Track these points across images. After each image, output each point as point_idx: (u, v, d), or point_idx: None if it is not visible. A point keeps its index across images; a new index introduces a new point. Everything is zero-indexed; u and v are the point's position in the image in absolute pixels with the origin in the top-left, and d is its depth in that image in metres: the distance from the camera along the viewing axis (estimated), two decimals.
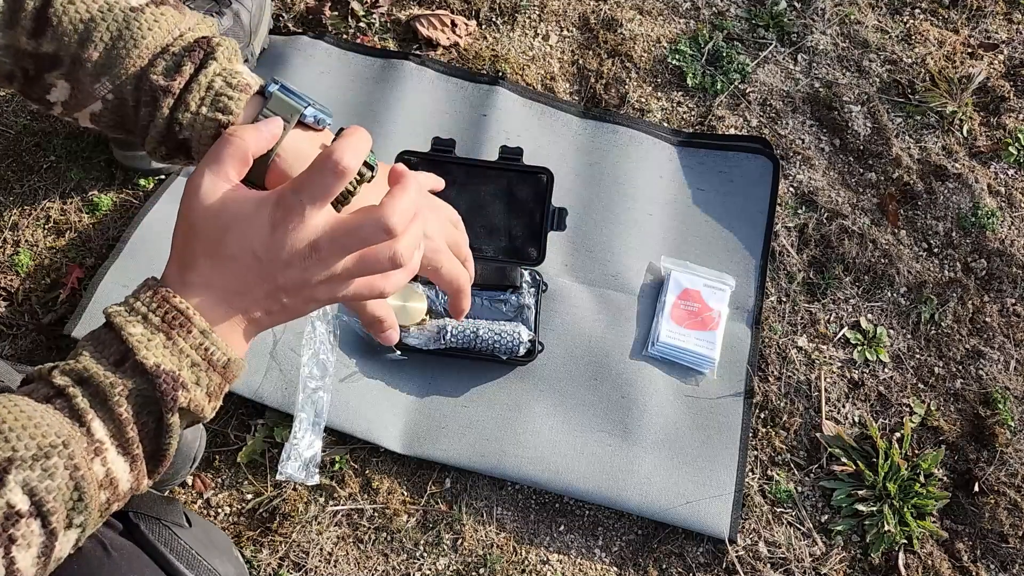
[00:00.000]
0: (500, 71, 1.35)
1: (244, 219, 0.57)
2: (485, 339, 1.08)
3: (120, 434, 0.55)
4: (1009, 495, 1.10)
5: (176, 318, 0.56)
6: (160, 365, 0.55)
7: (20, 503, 0.51)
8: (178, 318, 0.56)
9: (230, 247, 0.57)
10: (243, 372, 0.59)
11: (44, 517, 0.52)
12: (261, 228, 0.57)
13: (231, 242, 0.57)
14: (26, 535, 0.51)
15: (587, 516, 1.07)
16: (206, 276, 0.58)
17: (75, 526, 0.54)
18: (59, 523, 0.52)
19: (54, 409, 0.54)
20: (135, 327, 0.56)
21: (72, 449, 0.53)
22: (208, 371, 0.57)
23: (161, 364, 0.55)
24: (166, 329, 0.56)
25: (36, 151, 1.23)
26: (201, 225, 0.58)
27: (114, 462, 0.55)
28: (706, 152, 1.30)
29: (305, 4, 1.40)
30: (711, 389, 1.13)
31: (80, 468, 0.53)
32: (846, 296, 1.22)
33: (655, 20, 1.45)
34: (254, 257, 0.57)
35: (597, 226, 1.22)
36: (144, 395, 0.55)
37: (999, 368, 1.19)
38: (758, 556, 1.05)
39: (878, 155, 1.33)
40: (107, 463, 0.55)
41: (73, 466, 0.53)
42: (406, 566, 1.02)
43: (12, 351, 1.09)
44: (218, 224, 0.58)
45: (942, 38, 1.46)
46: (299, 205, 0.55)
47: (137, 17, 0.65)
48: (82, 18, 0.65)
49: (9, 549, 0.50)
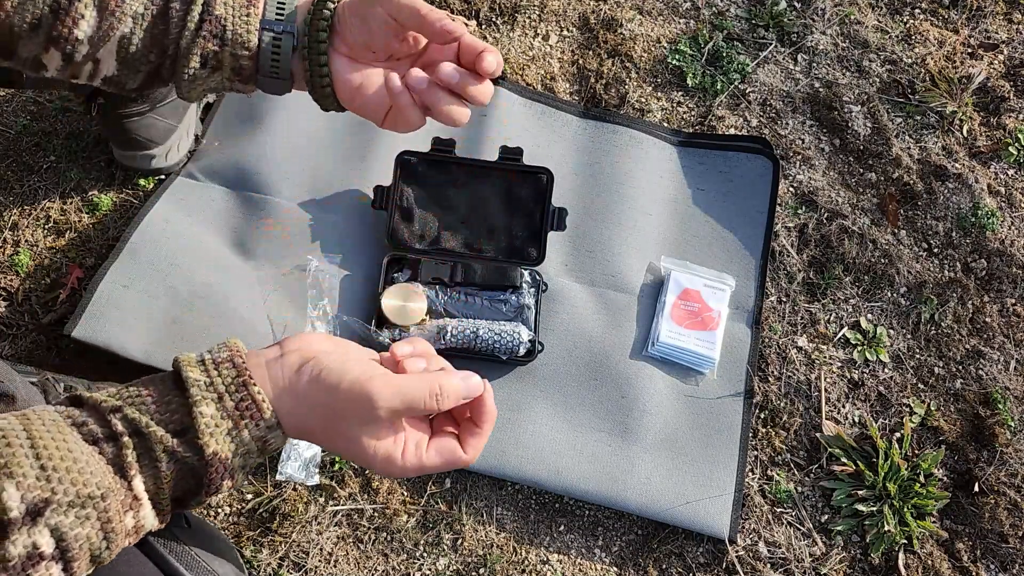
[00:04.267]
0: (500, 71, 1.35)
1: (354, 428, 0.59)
2: (485, 339, 1.08)
3: (158, 493, 0.55)
4: (1009, 495, 1.10)
5: (249, 408, 0.57)
6: (218, 454, 0.56)
7: (45, 546, 0.50)
8: (251, 409, 0.57)
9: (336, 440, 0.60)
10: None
11: (67, 563, 0.51)
12: (362, 453, 0.60)
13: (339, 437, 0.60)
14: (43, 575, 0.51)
15: (587, 516, 1.07)
16: (299, 418, 0.59)
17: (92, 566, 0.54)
18: (79, 569, 0.52)
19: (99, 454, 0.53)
20: (208, 406, 0.56)
21: (109, 502, 0.52)
22: (257, 457, 0.59)
23: (219, 453, 0.56)
24: (236, 417, 0.56)
25: (36, 151, 1.23)
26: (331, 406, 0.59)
27: (146, 517, 0.55)
28: (706, 152, 1.30)
29: None
30: (711, 389, 1.13)
31: (112, 521, 0.53)
32: (846, 296, 1.22)
33: (655, 20, 1.45)
34: (352, 458, 0.61)
35: (597, 226, 1.22)
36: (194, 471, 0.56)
37: (999, 368, 1.19)
38: (758, 556, 1.05)
39: (878, 155, 1.33)
40: (139, 517, 0.55)
41: (107, 518, 0.53)
42: (406, 566, 1.02)
43: (12, 351, 1.09)
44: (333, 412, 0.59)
45: (942, 38, 1.46)
46: (407, 459, 0.61)
47: None
48: None
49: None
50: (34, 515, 0.50)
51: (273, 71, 0.75)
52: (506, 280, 1.14)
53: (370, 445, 0.59)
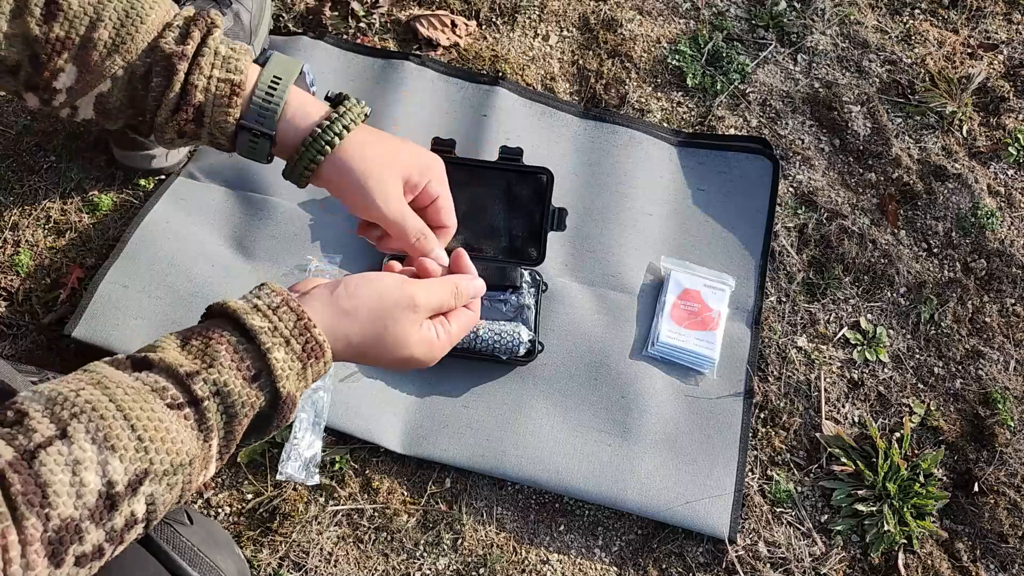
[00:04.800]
0: (500, 71, 1.35)
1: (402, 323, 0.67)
2: (485, 339, 1.08)
3: (226, 447, 0.58)
4: (1009, 495, 1.10)
5: (315, 350, 0.61)
6: (290, 393, 0.59)
7: (140, 512, 0.52)
8: (316, 351, 0.61)
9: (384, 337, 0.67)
10: None
11: (149, 523, 0.53)
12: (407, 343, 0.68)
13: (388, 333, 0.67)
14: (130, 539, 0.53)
15: (587, 516, 1.07)
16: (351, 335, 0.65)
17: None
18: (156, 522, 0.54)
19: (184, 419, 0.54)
20: (279, 351, 0.59)
21: (194, 467, 0.55)
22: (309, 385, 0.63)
23: (291, 392, 0.59)
24: (304, 359, 0.60)
25: (36, 151, 1.23)
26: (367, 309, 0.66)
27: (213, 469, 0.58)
28: (706, 152, 1.30)
29: (305, 4, 1.40)
30: (711, 389, 1.13)
31: (192, 483, 0.55)
32: (846, 296, 1.22)
33: (655, 20, 1.45)
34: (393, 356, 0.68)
35: (597, 226, 1.22)
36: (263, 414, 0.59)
37: (999, 368, 1.19)
38: (758, 556, 1.05)
39: (878, 155, 1.33)
40: (207, 473, 0.57)
41: (188, 481, 0.55)
42: (406, 566, 1.02)
43: (12, 351, 1.09)
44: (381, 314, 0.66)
45: (942, 38, 1.46)
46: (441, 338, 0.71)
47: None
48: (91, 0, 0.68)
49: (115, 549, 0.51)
50: (135, 486, 0.51)
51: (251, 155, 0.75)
52: (506, 280, 1.14)
53: (415, 333, 0.68)
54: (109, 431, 0.50)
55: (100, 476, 0.49)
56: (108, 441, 0.50)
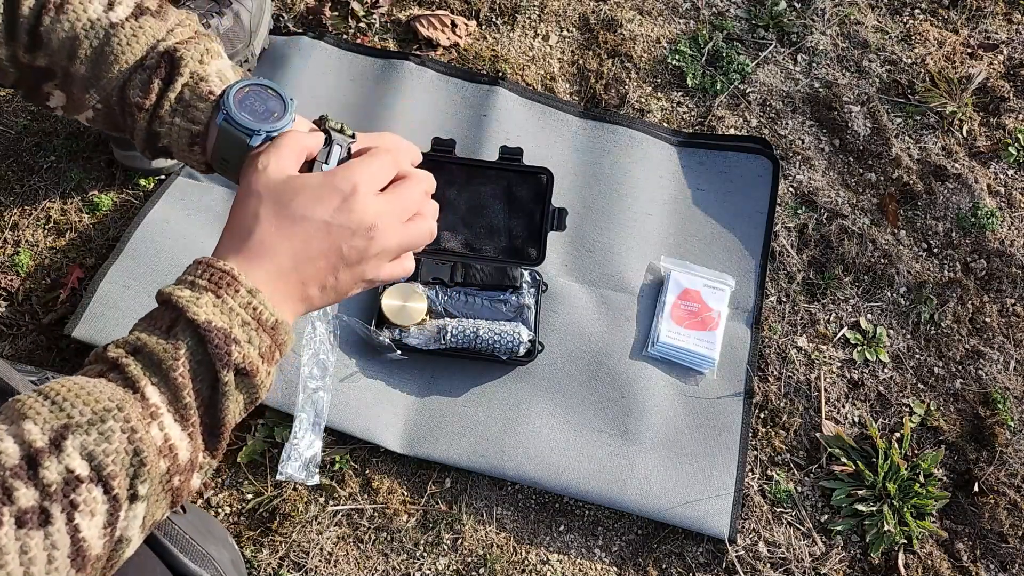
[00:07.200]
0: (500, 71, 1.35)
1: (314, 189, 0.61)
2: (485, 339, 1.08)
3: (176, 399, 0.56)
4: (1009, 495, 1.10)
5: (223, 278, 0.58)
6: (211, 322, 0.56)
7: (79, 468, 0.51)
8: (224, 278, 0.58)
9: (301, 209, 0.60)
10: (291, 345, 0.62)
11: (105, 482, 0.52)
12: (332, 198, 0.60)
13: (302, 205, 0.60)
14: (88, 501, 0.51)
15: (587, 516, 1.07)
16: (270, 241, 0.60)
17: (140, 498, 0.54)
18: (121, 489, 0.52)
19: (107, 381, 0.55)
20: (183, 291, 0.57)
21: (127, 412, 0.53)
22: (258, 331, 0.58)
23: (212, 321, 0.56)
24: (214, 288, 0.57)
25: (36, 151, 1.23)
26: (269, 191, 0.61)
27: (171, 428, 0.55)
28: (706, 152, 1.30)
29: (305, 4, 1.40)
30: (711, 389, 1.13)
31: (137, 431, 0.53)
32: (846, 296, 1.22)
33: (655, 20, 1.45)
34: (323, 222, 0.60)
35: (597, 226, 1.22)
36: (197, 358, 0.56)
37: (999, 368, 1.19)
38: (758, 556, 1.05)
39: (878, 155, 1.33)
40: (164, 428, 0.55)
41: (130, 429, 0.53)
42: (406, 566, 1.02)
43: (12, 351, 1.09)
44: (288, 188, 0.61)
45: (942, 38, 1.46)
46: (363, 186, 0.62)
47: (116, 33, 0.69)
48: (68, 35, 0.69)
49: (72, 516, 0.50)
50: (57, 442, 0.51)
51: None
52: (506, 280, 1.14)
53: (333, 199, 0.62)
54: (23, 405, 0.52)
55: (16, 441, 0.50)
56: (21, 412, 0.52)
